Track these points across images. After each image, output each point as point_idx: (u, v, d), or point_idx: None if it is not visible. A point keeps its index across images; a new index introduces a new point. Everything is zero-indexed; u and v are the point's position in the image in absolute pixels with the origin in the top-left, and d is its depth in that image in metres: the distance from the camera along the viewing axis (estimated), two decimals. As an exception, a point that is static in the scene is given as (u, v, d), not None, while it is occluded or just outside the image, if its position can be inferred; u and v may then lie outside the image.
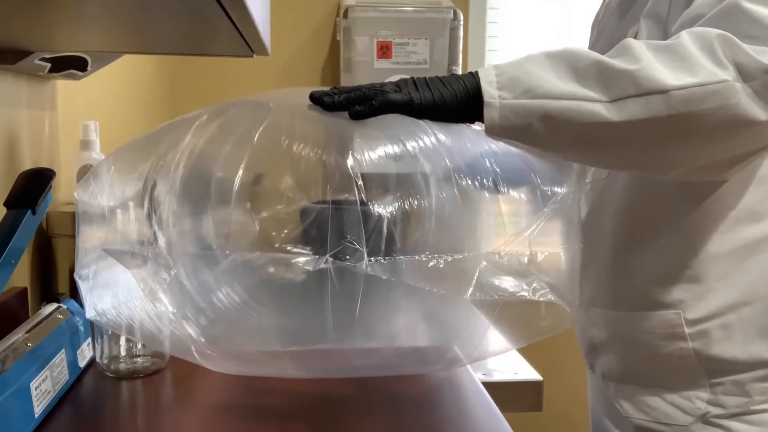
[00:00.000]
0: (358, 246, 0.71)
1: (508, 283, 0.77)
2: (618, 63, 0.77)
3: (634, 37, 0.92)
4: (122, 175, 0.82)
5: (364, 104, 0.78)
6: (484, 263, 0.76)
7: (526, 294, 0.77)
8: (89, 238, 0.84)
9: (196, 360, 0.81)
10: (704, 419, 0.91)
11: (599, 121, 0.77)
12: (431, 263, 0.74)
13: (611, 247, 0.97)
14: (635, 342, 0.95)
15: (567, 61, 0.79)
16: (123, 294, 0.81)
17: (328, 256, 0.71)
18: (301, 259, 0.72)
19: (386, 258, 0.73)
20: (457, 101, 0.80)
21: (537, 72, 0.79)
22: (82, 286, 0.85)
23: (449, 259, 0.75)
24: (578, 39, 2.51)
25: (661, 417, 0.93)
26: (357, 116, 0.78)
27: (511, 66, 0.81)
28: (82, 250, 0.85)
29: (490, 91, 0.79)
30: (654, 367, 0.94)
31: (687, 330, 0.91)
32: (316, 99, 0.79)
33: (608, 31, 1.03)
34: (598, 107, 0.77)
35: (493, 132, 0.80)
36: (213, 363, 0.83)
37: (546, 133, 0.79)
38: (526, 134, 0.80)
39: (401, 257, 0.73)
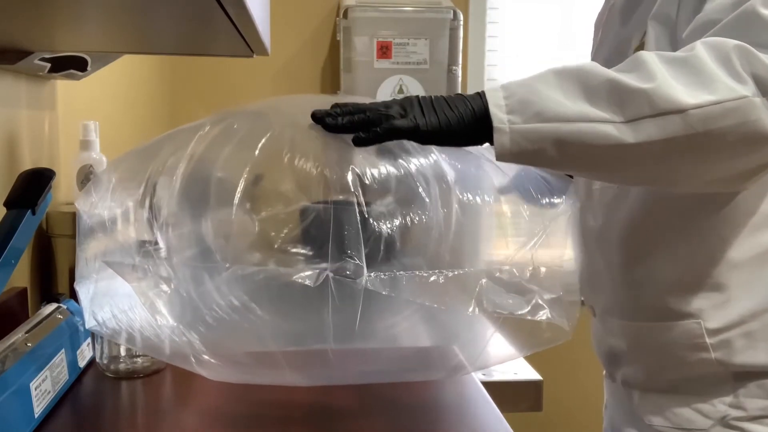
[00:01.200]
0: (357, 261, 0.72)
1: (507, 300, 0.77)
2: (632, 81, 0.74)
3: (641, 41, 0.90)
4: (123, 183, 0.82)
5: (367, 131, 0.75)
6: (485, 279, 0.76)
7: (525, 313, 0.77)
8: (90, 248, 0.84)
9: (194, 369, 0.81)
10: (723, 422, 0.89)
11: (614, 143, 0.74)
12: (432, 278, 0.74)
13: (624, 255, 0.95)
14: (657, 352, 0.93)
15: (578, 80, 0.76)
16: (123, 303, 0.81)
17: (328, 271, 0.71)
18: (302, 274, 0.72)
19: (386, 273, 0.73)
20: (464, 125, 0.77)
21: (547, 93, 0.76)
22: (82, 296, 0.85)
23: (450, 274, 0.75)
24: (578, 39, 2.51)
25: (682, 422, 0.91)
26: (360, 144, 0.76)
27: (520, 86, 0.78)
28: (82, 260, 0.85)
29: (498, 115, 0.76)
30: (678, 376, 0.92)
31: (708, 340, 0.88)
32: (318, 119, 0.77)
33: (613, 32, 1.01)
34: (613, 129, 0.74)
35: (504, 158, 0.77)
36: (212, 372, 0.83)
37: (559, 156, 0.76)
38: (538, 159, 0.77)
39: (401, 273, 0.73)
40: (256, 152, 0.76)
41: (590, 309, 1.03)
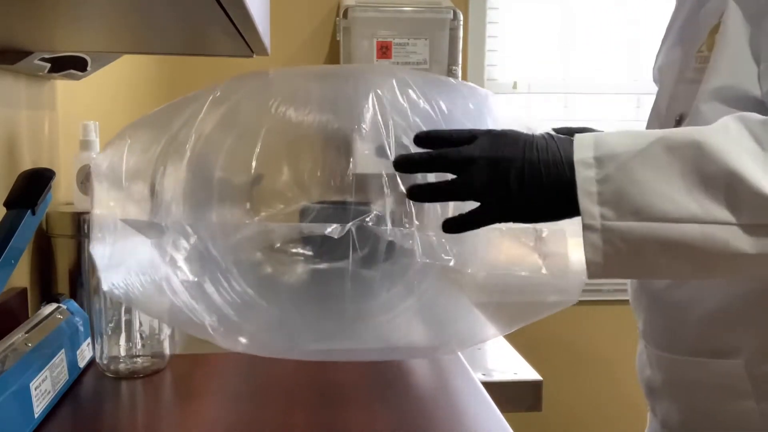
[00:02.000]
0: (380, 213, 0.73)
1: (510, 259, 0.77)
2: (758, 178, 0.61)
3: (719, 21, 0.78)
4: (136, 154, 0.82)
5: (453, 221, 0.70)
6: (488, 239, 0.75)
7: (526, 272, 0.76)
8: (105, 209, 0.83)
9: (209, 335, 0.81)
10: None
11: (728, 252, 0.62)
12: (438, 238, 0.74)
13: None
14: (693, 392, 0.83)
15: (693, 163, 0.62)
16: (139, 266, 0.81)
17: (351, 224, 0.72)
18: (328, 228, 0.72)
19: (402, 229, 0.74)
20: (548, 207, 0.67)
21: (652, 179, 0.62)
22: (98, 260, 0.84)
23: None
24: (578, 39, 2.51)
25: None
26: (451, 231, 0.70)
27: (619, 167, 0.63)
28: (97, 223, 0.84)
29: (589, 208, 0.63)
30: (714, 424, 0.82)
31: (750, 386, 0.77)
32: (410, 190, 0.70)
33: (688, 5, 0.89)
34: (728, 233, 0.62)
35: (596, 259, 0.65)
36: (223, 339, 0.83)
37: (655, 260, 0.65)
38: (633, 262, 0.65)
39: (414, 230, 0.74)
40: (272, 111, 0.76)
41: (639, 330, 0.95)
